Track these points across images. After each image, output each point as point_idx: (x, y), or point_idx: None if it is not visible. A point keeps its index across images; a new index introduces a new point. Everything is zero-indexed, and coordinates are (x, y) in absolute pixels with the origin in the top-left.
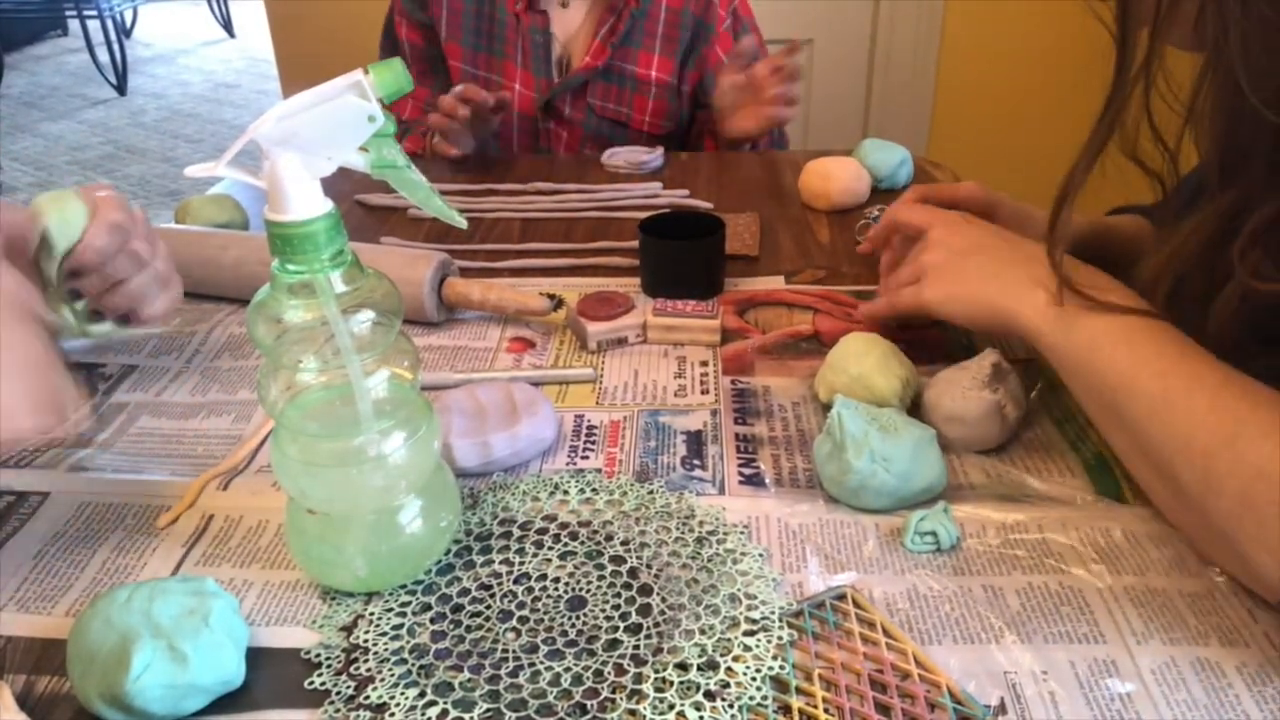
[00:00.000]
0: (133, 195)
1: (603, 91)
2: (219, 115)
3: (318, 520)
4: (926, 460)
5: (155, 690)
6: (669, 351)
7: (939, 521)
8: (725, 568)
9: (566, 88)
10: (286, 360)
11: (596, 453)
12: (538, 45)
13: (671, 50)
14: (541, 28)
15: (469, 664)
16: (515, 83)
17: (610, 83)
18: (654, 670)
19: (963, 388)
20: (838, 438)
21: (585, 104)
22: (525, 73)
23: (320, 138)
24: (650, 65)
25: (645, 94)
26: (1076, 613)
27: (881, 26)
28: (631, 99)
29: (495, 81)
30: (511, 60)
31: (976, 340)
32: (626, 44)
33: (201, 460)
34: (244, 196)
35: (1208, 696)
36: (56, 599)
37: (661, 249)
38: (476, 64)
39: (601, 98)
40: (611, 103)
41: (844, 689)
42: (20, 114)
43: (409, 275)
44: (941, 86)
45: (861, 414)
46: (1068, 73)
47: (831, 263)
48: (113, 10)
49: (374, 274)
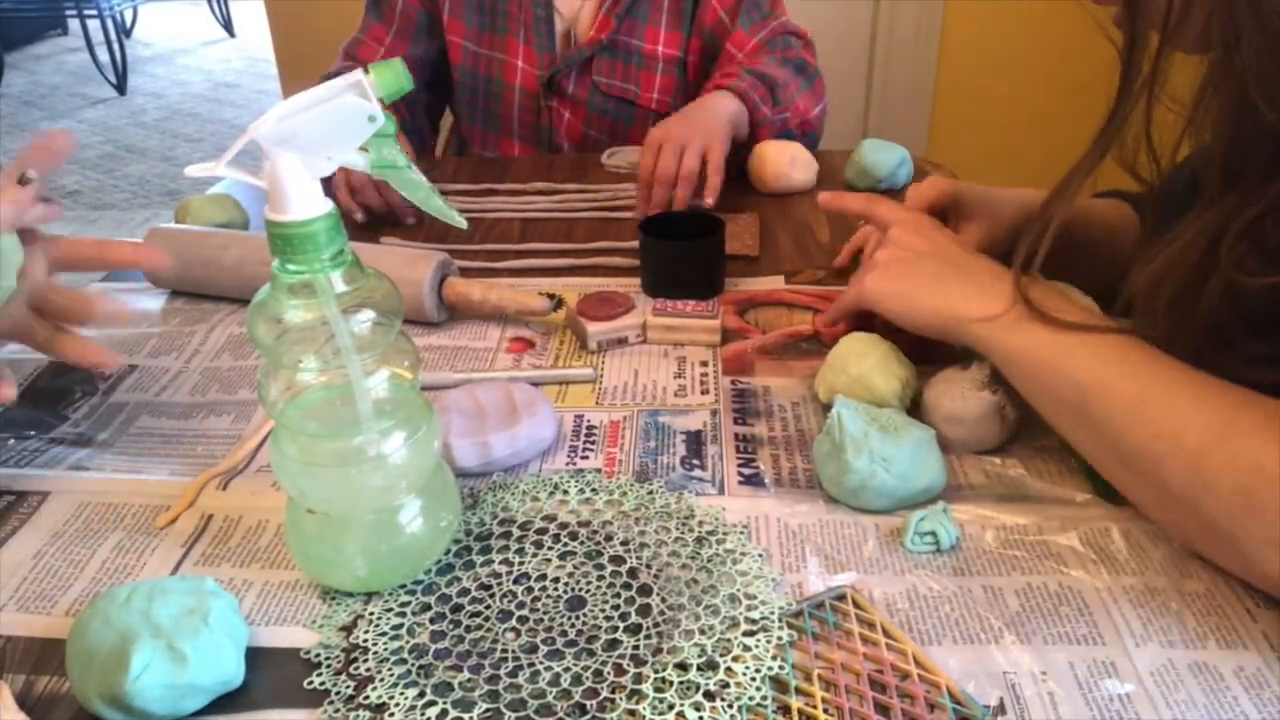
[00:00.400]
0: (133, 195)
1: (608, 68)
2: (219, 115)
3: (317, 520)
4: (926, 461)
5: (154, 690)
6: (669, 351)
7: (938, 522)
8: (725, 568)
9: (570, 63)
10: (287, 360)
11: (596, 452)
12: (540, 20)
13: (677, 23)
14: (544, 1)
15: (468, 664)
16: (518, 59)
17: (616, 58)
18: (653, 670)
19: (962, 389)
20: (837, 438)
21: (590, 81)
22: (528, 49)
23: (320, 138)
24: (657, 40)
25: (653, 70)
26: (1075, 613)
27: (881, 26)
28: (639, 75)
29: (498, 60)
30: (514, 36)
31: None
32: (632, 16)
33: (201, 460)
34: (244, 196)
35: (1206, 697)
36: (56, 599)
37: (661, 249)
38: (480, 42)
39: (607, 74)
40: (618, 80)
41: (843, 689)
42: (20, 113)
43: (409, 275)
44: (941, 86)
45: (861, 414)
46: (1067, 73)
47: (831, 263)
48: (113, 10)
49: (374, 274)
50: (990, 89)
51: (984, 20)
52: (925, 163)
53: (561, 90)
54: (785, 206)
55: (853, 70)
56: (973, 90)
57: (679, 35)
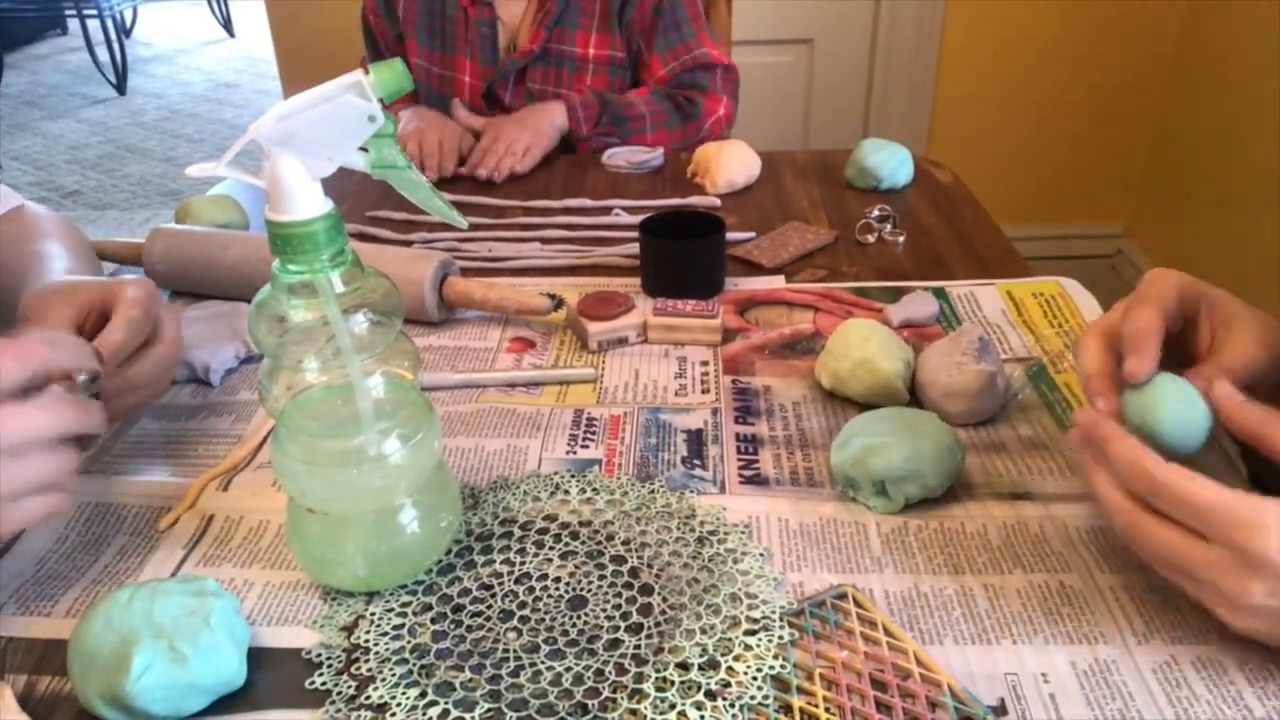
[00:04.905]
0: (133, 195)
1: (541, 75)
2: (219, 115)
3: (318, 520)
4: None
5: (156, 691)
6: (670, 351)
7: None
8: (726, 567)
9: (504, 74)
10: (287, 360)
11: (597, 443)
12: (485, 37)
13: (606, 25)
14: (488, 19)
15: (470, 664)
16: (465, 75)
17: (549, 65)
18: (655, 670)
19: (956, 362)
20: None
21: (525, 89)
22: (473, 64)
23: (320, 138)
24: (588, 44)
25: (584, 72)
26: (1077, 612)
27: (882, 26)
28: (571, 79)
29: (448, 77)
30: (462, 55)
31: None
32: (562, 25)
33: (201, 460)
34: (244, 196)
35: (1210, 693)
36: (57, 600)
37: (662, 249)
38: (432, 60)
39: (540, 81)
40: (550, 85)
41: (845, 688)
42: (20, 113)
43: (410, 274)
44: (941, 86)
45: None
46: (1067, 73)
47: (832, 262)
48: (112, 9)
49: (374, 274)
50: (991, 89)
51: (985, 21)
52: (925, 162)
53: (499, 101)
54: (786, 206)
55: (853, 70)
56: (973, 90)
57: (609, 36)
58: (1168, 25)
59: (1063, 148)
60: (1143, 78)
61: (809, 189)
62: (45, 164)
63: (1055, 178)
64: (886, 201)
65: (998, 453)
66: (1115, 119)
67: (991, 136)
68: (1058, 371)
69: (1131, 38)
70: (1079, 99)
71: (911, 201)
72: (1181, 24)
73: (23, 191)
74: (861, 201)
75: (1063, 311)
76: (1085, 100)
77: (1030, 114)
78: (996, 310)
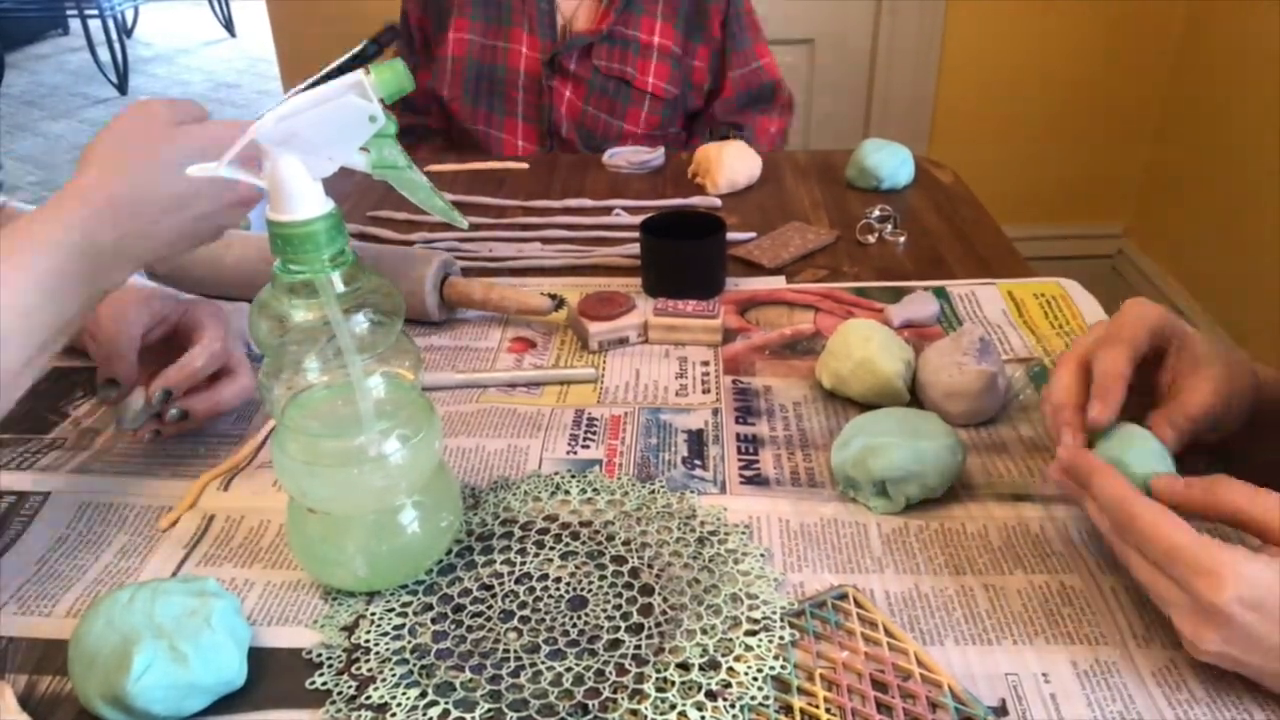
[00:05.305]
0: None
1: (607, 53)
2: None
3: (319, 520)
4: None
5: (157, 691)
6: (670, 351)
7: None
8: (726, 568)
9: (571, 46)
10: (288, 360)
11: (598, 443)
12: (543, 14)
13: (673, 17)
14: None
15: (470, 664)
16: (522, 46)
17: (614, 46)
18: (655, 670)
19: (957, 363)
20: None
21: (590, 63)
22: (531, 37)
23: (321, 138)
24: (653, 31)
25: (649, 57)
26: (1078, 613)
27: (882, 27)
28: (636, 60)
29: (503, 48)
30: (520, 27)
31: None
32: (629, 10)
33: (202, 460)
34: None
35: (1209, 695)
36: (58, 600)
37: (662, 249)
38: (486, 34)
39: (606, 58)
40: (616, 62)
41: (845, 689)
42: (21, 113)
43: (410, 274)
44: (942, 86)
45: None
46: (1068, 73)
47: (832, 262)
48: (114, 9)
49: (375, 274)
50: (991, 90)
51: (985, 21)
52: (925, 162)
53: (563, 69)
54: (786, 205)
55: (854, 70)
56: (974, 91)
57: (674, 29)
58: (1168, 26)
59: (1063, 148)
60: (1143, 78)
61: (810, 189)
62: (47, 164)
63: (1056, 178)
64: (887, 201)
65: (999, 453)
66: (1115, 119)
67: (992, 137)
68: None
69: (1132, 38)
70: (1079, 99)
71: (912, 201)
72: (1182, 24)
73: (24, 191)
74: (862, 201)
75: (1064, 312)
76: (1086, 100)
77: (1031, 114)
78: (997, 310)
